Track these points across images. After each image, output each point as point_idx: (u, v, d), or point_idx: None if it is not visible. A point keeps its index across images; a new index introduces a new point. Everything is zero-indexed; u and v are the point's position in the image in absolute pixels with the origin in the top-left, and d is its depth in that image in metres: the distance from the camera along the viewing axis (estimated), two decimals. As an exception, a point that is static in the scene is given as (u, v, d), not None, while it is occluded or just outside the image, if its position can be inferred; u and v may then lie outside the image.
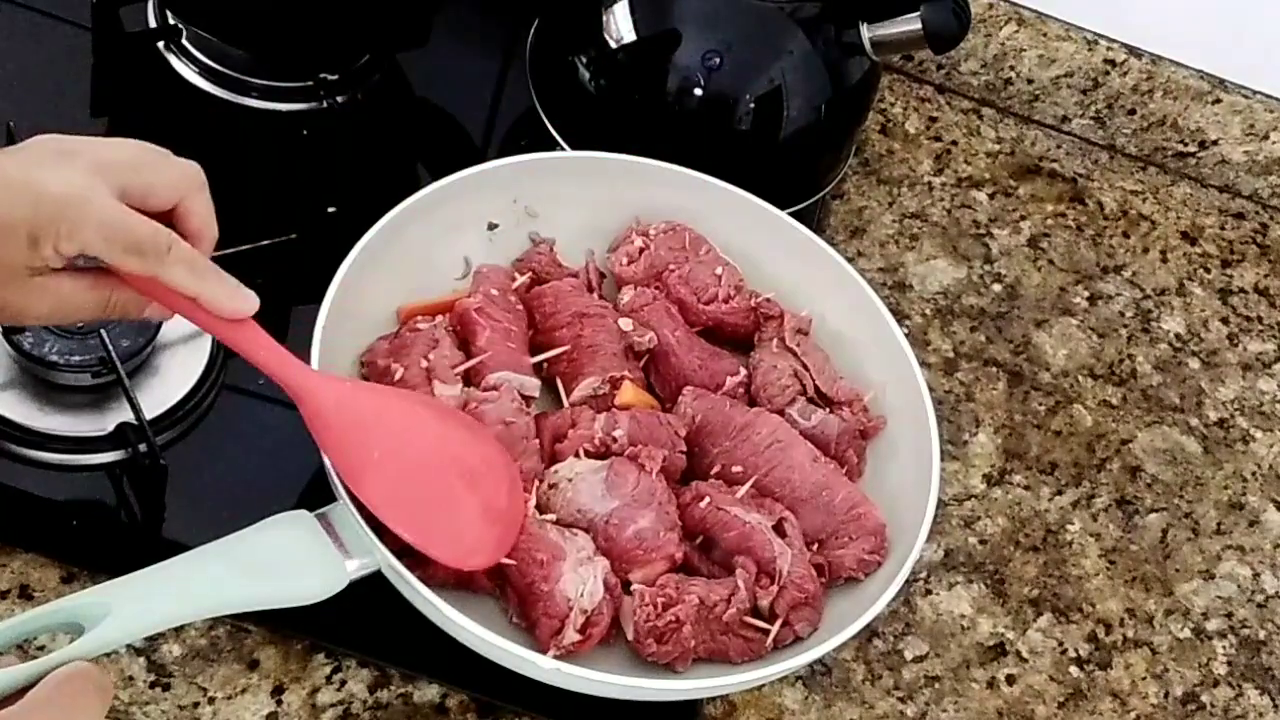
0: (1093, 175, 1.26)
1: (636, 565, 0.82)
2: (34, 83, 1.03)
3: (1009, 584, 0.99)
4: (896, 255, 1.15)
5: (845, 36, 1.03)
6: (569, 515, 0.83)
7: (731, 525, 0.84)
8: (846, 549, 0.86)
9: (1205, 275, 1.22)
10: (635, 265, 0.96)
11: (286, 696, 0.83)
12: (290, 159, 1.06)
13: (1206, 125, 1.25)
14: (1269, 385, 1.16)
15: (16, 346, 0.87)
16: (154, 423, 0.87)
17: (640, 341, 0.92)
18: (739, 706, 0.89)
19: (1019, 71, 1.25)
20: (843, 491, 0.87)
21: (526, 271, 0.95)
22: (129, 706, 0.80)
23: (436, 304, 0.92)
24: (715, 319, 0.96)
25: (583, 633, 0.79)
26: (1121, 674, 0.97)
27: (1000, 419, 1.08)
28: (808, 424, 0.91)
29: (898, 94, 1.26)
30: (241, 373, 0.93)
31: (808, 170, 1.10)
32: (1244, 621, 1.02)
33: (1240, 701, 0.98)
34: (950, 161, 1.23)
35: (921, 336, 1.11)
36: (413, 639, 0.80)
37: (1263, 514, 1.08)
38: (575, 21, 1.06)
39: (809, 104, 1.05)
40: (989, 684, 0.94)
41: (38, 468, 0.86)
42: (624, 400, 0.89)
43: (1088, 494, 1.05)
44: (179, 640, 0.83)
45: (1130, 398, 1.12)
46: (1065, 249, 1.20)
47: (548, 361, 0.91)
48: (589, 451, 0.85)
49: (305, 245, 0.96)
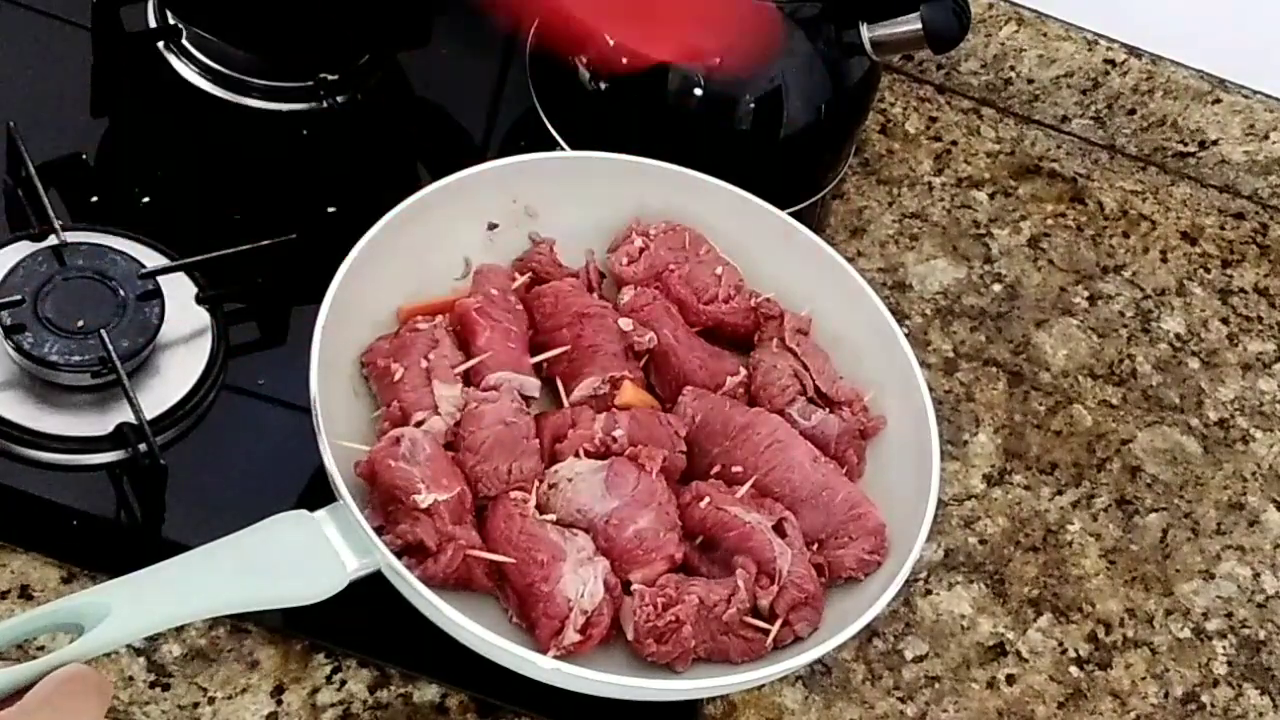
0: (1093, 175, 1.26)
1: (636, 565, 0.82)
2: (34, 83, 1.03)
3: (1009, 584, 0.99)
4: (896, 255, 1.15)
5: (845, 36, 1.03)
6: (569, 515, 0.83)
7: (731, 525, 0.84)
8: (846, 549, 0.86)
9: (1205, 275, 1.22)
10: (635, 265, 0.96)
11: (286, 696, 0.83)
12: (290, 159, 1.06)
13: (1206, 125, 1.25)
14: (1269, 385, 1.16)
15: (17, 346, 0.87)
16: (154, 423, 0.87)
17: (640, 341, 0.92)
18: (739, 706, 0.89)
19: (1019, 71, 1.25)
20: (843, 491, 0.87)
21: (526, 271, 0.95)
22: (129, 706, 0.80)
23: (436, 304, 0.92)
24: (715, 319, 0.96)
25: (583, 633, 0.79)
26: (1121, 674, 0.97)
27: (1000, 419, 1.08)
28: (808, 424, 0.91)
29: (898, 94, 1.26)
30: (241, 373, 0.93)
31: (808, 170, 1.10)
32: (1244, 621, 1.02)
33: (1240, 701, 0.98)
34: (950, 161, 1.23)
35: (921, 336, 1.11)
36: (413, 639, 0.80)
37: (1263, 514, 1.08)
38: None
39: (809, 104, 1.05)
40: (989, 684, 0.94)
41: (38, 468, 0.86)
42: (624, 400, 0.89)
43: (1088, 494, 1.05)
44: (179, 640, 0.83)
45: (1130, 398, 1.12)
46: (1065, 249, 1.20)
47: (548, 361, 0.91)
48: (589, 451, 0.85)
49: (305, 245, 0.96)
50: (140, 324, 0.89)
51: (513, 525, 0.81)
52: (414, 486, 0.79)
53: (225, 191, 1.03)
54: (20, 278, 0.89)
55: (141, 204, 1.00)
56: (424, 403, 0.85)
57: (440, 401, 0.85)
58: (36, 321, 0.88)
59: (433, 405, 0.85)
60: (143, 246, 0.94)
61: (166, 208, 1.00)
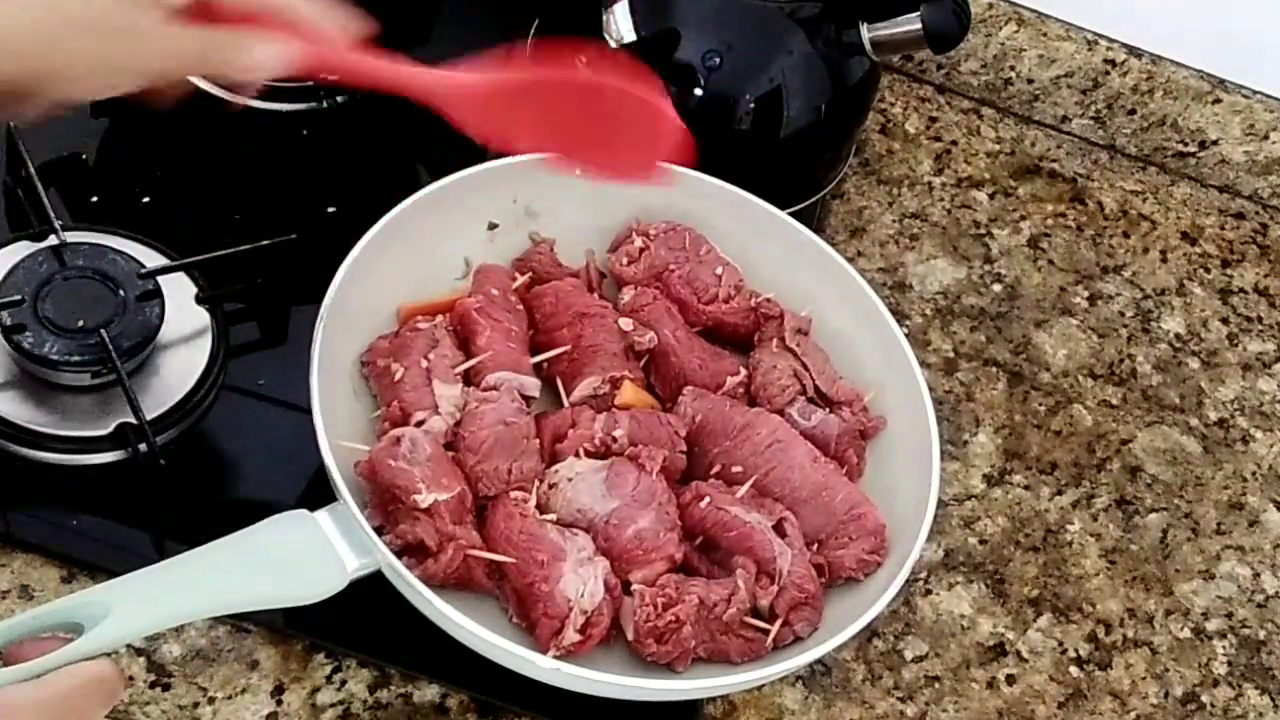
0: (1093, 175, 1.26)
1: (636, 565, 0.82)
2: (34, 83, 1.03)
3: (1009, 584, 0.99)
4: (896, 255, 1.15)
5: (845, 36, 1.03)
6: (569, 515, 0.83)
7: (731, 525, 0.84)
8: (846, 549, 0.86)
9: (1205, 275, 1.22)
10: (635, 265, 0.96)
11: (286, 696, 0.83)
12: (290, 159, 1.06)
13: (1206, 125, 1.25)
14: (1269, 385, 1.16)
15: (16, 346, 0.87)
16: (154, 423, 0.87)
17: (640, 341, 0.92)
18: (739, 706, 0.89)
19: (1019, 71, 1.25)
20: (843, 492, 0.87)
21: (527, 271, 0.95)
22: (129, 706, 0.80)
23: (438, 304, 0.92)
24: (715, 319, 0.96)
25: (583, 633, 0.79)
26: (1121, 674, 0.97)
27: (1000, 419, 1.08)
28: (808, 424, 0.91)
29: (898, 94, 1.26)
30: (241, 373, 0.93)
31: (808, 170, 1.10)
32: (1244, 621, 1.02)
33: (1240, 701, 0.98)
34: (950, 161, 1.23)
35: (921, 336, 1.11)
36: (413, 639, 0.80)
37: (1263, 514, 1.08)
38: (575, 21, 1.06)
39: (809, 104, 1.05)
40: (989, 684, 0.94)
41: (38, 468, 0.86)
42: (624, 400, 0.89)
43: (1088, 494, 1.05)
44: (179, 640, 0.83)
45: (1130, 398, 1.12)
46: (1065, 249, 1.20)
47: (548, 361, 0.91)
48: (589, 451, 0.85)
49: (305, 245, 0.96)
50: (140, 324, 0.89)
51: (513, 525, 0.81)
52: (414, 486, 0.79)
53: (225, 191, 1.03)
54: (20, 278, 0.89)
55: (141, 204, 1.00)
56: (424, 402, 0.85)
57: (440, 401, 0.85)
58: (36, 321, 0.88)
59: (433, 405, 0.85)
60: (143, 246, 0.94)
61: (166, 208, 1.00)
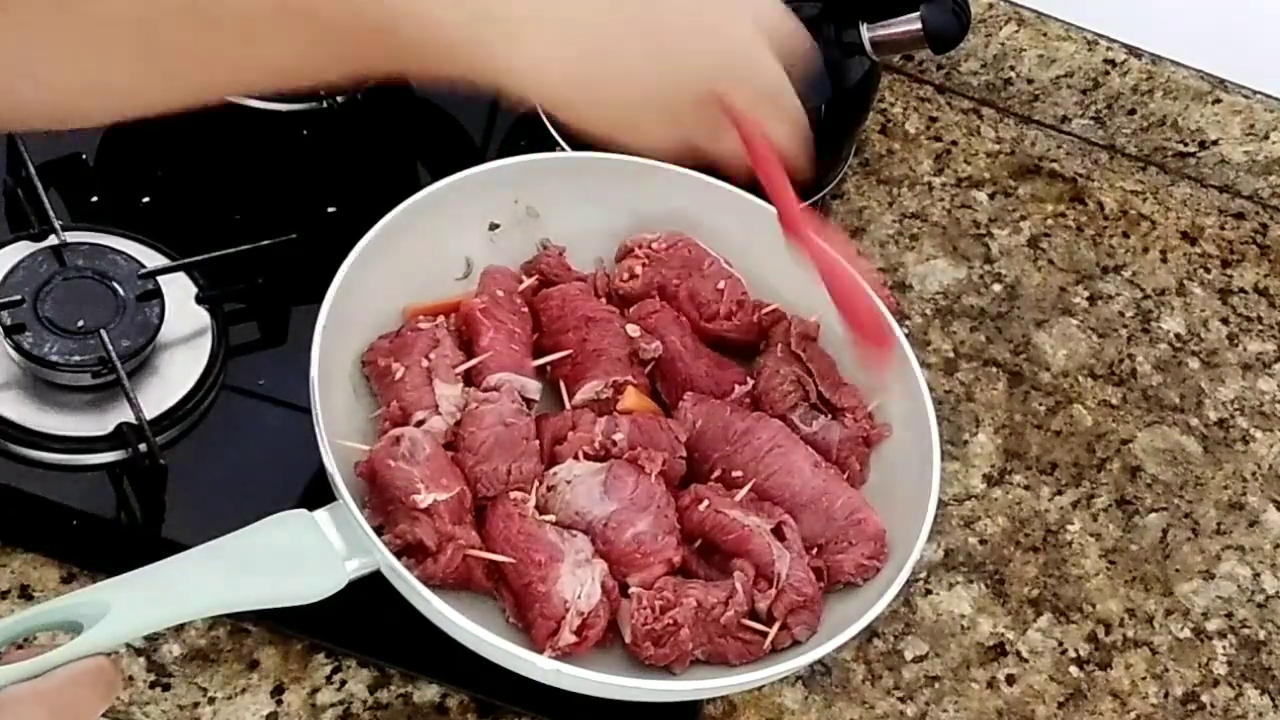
0: (1093, 175, 1.26)
1: (635, 568, 0.82)
2: (34, 83, 1.03)
3: (1009, 584, 0.99)
4: (896, 255, 1.15)
5: (845, 36, 1.03)
6: (568, 517, 0.83)
7: (730, 528, 0.84)
8: (846, 554, 0.85)
9: (1205, 275, 1.22)
10: (636, 282, 0.95)
11: (286, 696, 0.83)
12: (290, 159, 1.06)
13: (1206, 125, 1.25)
14: (1269, 385, 1.16)
15: (17, 346, 0.87)
16: (154, 423, 0.87)
17: (646, 349, 0.92)
18: (739, 706, 0.89)
19: (1019, 71, 1.25)
20: (842, 497, 0.87)
21: (535, 274, 0.95)
22: (129, 706, 0.80)
23: (443, 304, 0.91)
24: (718, 335, 0.95)
25: (578, 634, 0.79)
26: (1121, 674, 0.97)
27: (1000, 419, 1.08)
28: (809, 430, 0.90)
29: (898, 94, 1.26)
30: (241, 373, 0.93)
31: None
32: (1244, 621, 1.02)
33: (1240, 701, 0.98)
34: (950, 161, 1.23)
35: (921, 336, 1.11)
36: (413, 639, 0.80)
37: (1263, 514, 1.08)
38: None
39: (809, 104, 1.05)
40: (989, 684, 0.94)
41: (38, 468, 0.86)
42: (626, 405, 0.89)
43: (1088, 494, 1.05)
44: (179, 640, 0.83)
45: (1130, 398, 1.12)
46: (1065, 249, 1.20)
47: (552, 364, 0.91)
48: (589, 454, 0.85)
49: (305, 245, 0.96)
50: (140, 324, 0.89)
51: (511, 525, 0.81)
52: (414, 486, 0.79)
53: (225, 191, 1.03)
54: (20, 278, 0.89)
55: (141, 204, 1.00)
56: (424, 402, 0.85)
57: (441, 401, 0.85)
58: (36, 321, 0.88)
59: (433, 405, 0.85)
60: (143, 246, 0.94)
61: (166, 208, 1.00)
